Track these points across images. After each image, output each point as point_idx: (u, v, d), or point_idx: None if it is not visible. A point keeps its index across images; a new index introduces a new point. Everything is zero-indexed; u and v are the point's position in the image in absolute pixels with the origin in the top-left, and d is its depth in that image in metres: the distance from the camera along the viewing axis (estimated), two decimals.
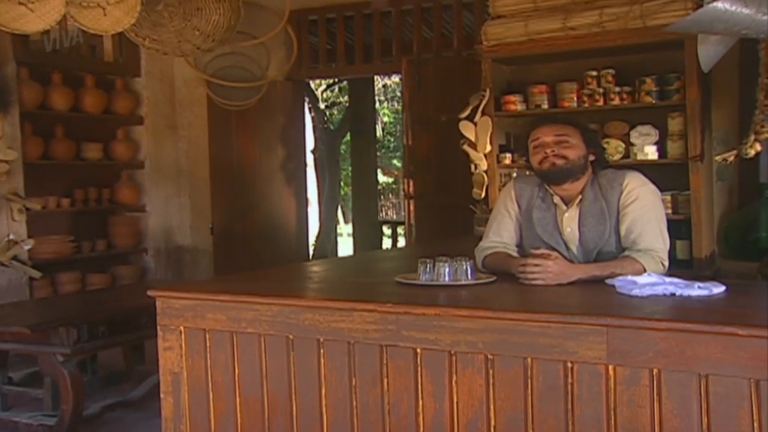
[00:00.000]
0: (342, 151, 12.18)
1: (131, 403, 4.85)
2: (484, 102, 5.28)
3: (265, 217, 6.90)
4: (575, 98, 5.22)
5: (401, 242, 9.01)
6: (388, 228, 9.87)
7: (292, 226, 7.04)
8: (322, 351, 2.48)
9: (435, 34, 6.60)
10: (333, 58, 7.23)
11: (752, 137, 4.70)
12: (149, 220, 7.19)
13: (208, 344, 2.66)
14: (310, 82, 10.19)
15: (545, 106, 5.31)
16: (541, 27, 5.09)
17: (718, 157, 4.88)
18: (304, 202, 7.19)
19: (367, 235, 9.13)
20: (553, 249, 2.95)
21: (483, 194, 5.34)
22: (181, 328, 2.70)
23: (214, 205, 6.83)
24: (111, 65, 7.02)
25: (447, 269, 2.74)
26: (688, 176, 4.81)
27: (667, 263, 2.86)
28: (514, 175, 5.40)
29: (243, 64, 5.80)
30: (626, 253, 2.83)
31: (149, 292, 2.74)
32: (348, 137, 11.06)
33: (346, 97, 12.50)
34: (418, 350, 2.34)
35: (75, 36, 5.82)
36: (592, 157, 2.99)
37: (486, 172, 5.34)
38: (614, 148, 5.04)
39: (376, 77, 11.06)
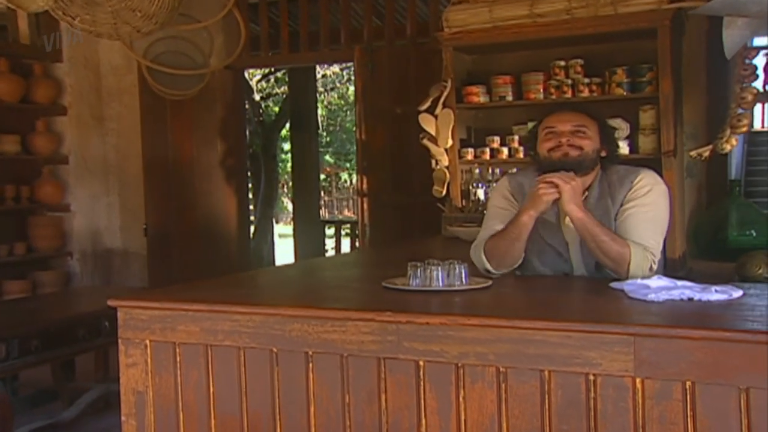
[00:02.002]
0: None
1: (62, 426, 4.62)
2: (445, 93, 5.21)
3: (204, 217, 6.71)
4: (542, 90, 5.20)
5: (345, 243, 8.91)
6: (329, 228, 9.77)
7: (232, 226, 6.86)
8: (311, 365, 2.35)
9: (387, 21, 6.51)
10: (276, 46, 7.07)
11: (728, 131, 4.76)
12: (74, 221, 6.90)
13: (178, 359, 2.50)
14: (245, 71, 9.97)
15: (510, 97, 5.28)
16: (506, 13, 5.05)
17: (693, 153, 4.92)
18: (245, 201, 7.02)
19: (308, 236, 8.98)
20: (554, 249, 2.94)
21: (444, 192, 5.27)
22: (147, 341, 2.54)
23: (148, 205, 6.60)
24: (28, 48, 6.69)
25: (440, 273, 2.64)
26: (661, 172, 4.82)
27: (656, 267, 2.83)
28: (477, 171, 5.36)
29: (184, 50, 5.58)
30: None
31: (110, 302, 2.56)
32: (285, 131, 10.93)
33: (283, 88, 12.32)
34: (421, 363, 2.24)
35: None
36: (603, 153, 2.95)
37: (447, 168, 5.27)
38: None
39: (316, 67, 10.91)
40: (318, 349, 2.34)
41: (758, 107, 8.58)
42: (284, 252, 11.66)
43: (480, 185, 5.25)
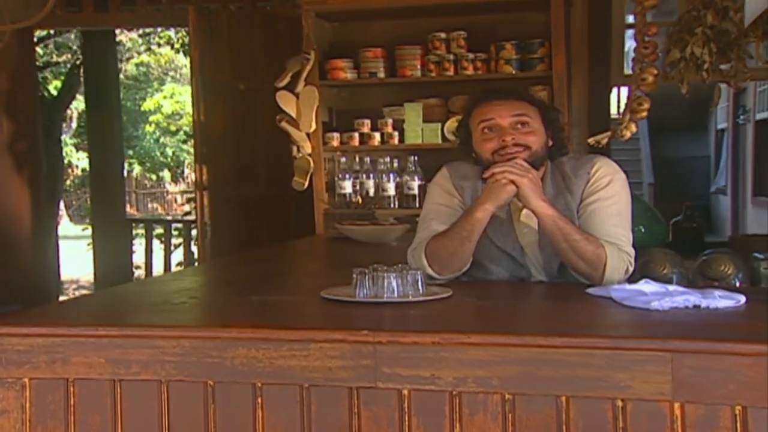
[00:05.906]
0: None
1: None
2: (308, 68, 5.08)
3: None
4: (419, 66, 5.17)
5: (156, 244, 8.56)
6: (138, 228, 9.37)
7: (25, 228, 6.34)
8: (260, 400, 2.13)
9: None
10: (75, 2, 6.61)
11: (627, 117, 4.90)
12: None
13: (72, 402, 2.18)
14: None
15: (381, 74, 5.21)
16: None
17: (591, 140, 5.03)
18: (42, 196, 6.52)
19: (110, 238, 8.49)
20: (508, 255, 2.88)
21: (306, 184, 5.13)
22: (26, 380, 2.20)
23: None
24: None
25: (395, 282, 2.49)
26: None
27: (632, 268, 2.83)
28: (343, 160, 5.24)
29: None
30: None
31: None
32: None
33: (66, 56, 11.57)
34: (405, 392, 2.08)
35: None
36: (550, 143, 2.90)
37: (310, 155, 5.13)
38: None
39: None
40: (270, 380, 2.12)
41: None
42: (79, 255, 11.11)
43: (347, 176, 5.14)
